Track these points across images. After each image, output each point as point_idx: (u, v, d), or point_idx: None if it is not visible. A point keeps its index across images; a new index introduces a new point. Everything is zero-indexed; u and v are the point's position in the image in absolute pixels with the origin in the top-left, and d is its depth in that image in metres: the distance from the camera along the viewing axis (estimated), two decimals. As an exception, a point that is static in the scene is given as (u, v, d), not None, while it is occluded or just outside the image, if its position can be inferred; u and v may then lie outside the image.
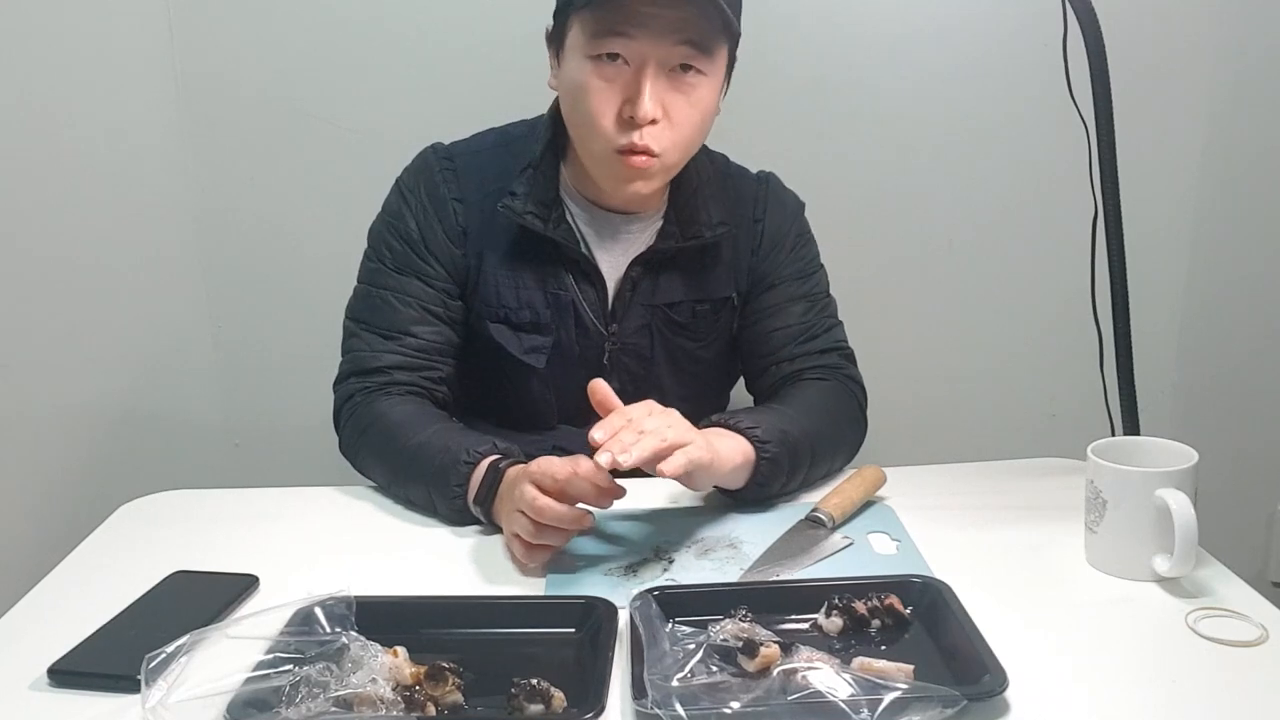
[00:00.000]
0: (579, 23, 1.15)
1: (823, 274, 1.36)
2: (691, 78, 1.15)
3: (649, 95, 1.13)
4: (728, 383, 1.44)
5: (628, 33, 1.12)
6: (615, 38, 1.13)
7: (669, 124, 1.16)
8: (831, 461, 1.25)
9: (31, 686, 0.87)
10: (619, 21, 1.12)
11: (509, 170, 1.26)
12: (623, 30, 1.12)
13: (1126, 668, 0.87)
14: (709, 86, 1.17)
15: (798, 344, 1.31)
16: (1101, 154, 1.15)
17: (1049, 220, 1.80)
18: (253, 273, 1.84)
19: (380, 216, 1.32)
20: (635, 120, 1.14)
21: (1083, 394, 1.26)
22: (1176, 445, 1.01)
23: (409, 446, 1.18)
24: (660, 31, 1.12)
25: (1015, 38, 1.74)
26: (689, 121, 1.17)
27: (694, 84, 1.16)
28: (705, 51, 1.14)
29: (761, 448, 1.13)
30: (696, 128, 1.19)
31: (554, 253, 1.26)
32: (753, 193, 1.34)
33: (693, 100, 1.16)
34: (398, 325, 1.27)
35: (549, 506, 1.01)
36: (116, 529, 1.18)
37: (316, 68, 1.76)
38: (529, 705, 0.79)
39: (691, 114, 1.17)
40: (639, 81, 1.13)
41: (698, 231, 1.26)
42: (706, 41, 1.14)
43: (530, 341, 1.29)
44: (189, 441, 1.88)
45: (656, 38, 1.12)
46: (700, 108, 1.17)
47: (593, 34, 1.14)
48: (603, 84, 1.15)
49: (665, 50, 1.13)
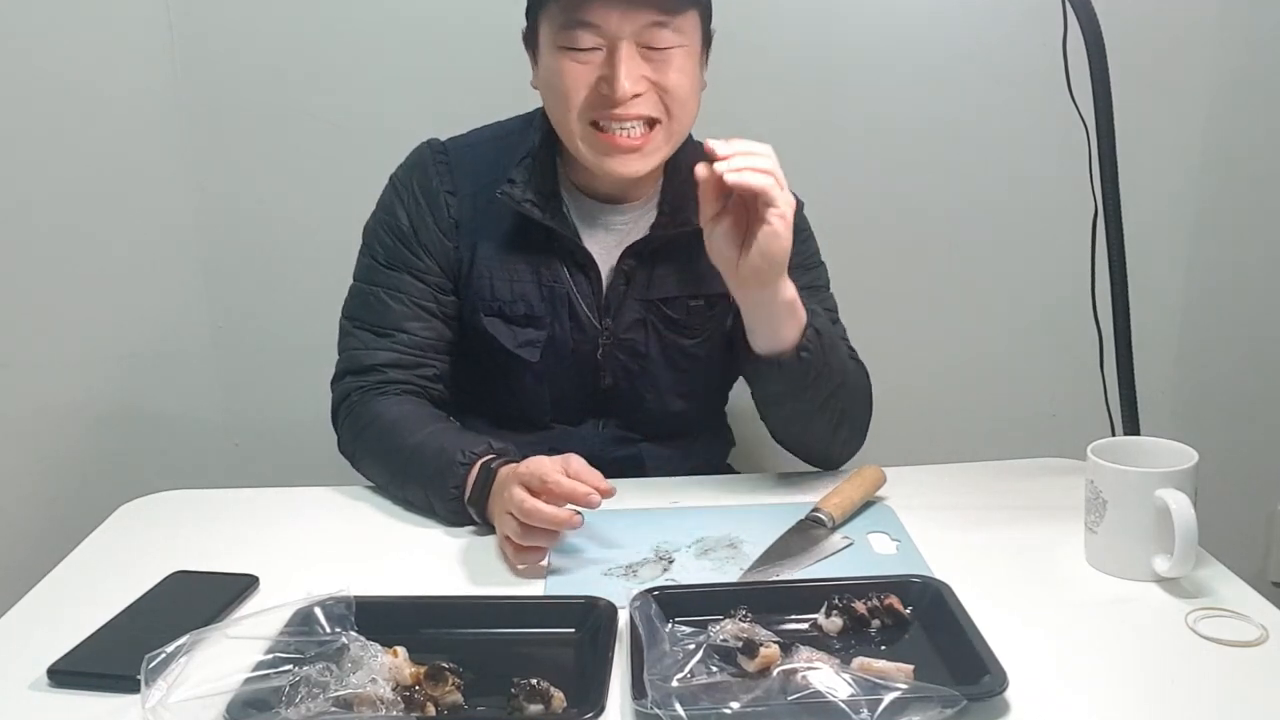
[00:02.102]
0: (547, 18, 1.17)
1: (823, 270, 1.36)
2: (665, 49, 1.16)
3: (625, 72, 1.14)
4: (725, 382, 1.43)
5: (593, 21, 1.13)
6: (582, 28, 1.14)
7: (658, 90, 1.17)
8: (856, 413, 1.25)
9: (31, 686, 0.87)
10: (584, 10, 1.13)
11: (504, 162, 1.26)
12: (588, 20, 1.14)
13: (1126, 668, 0.87)
14: (685, 55, 1.18)
15: None
16: (1101, 154, 1.15)
17: (1049, 220, 1.80)
18: (252, 271, 1.84)
19: (374, 213, 1.32)
20: (615, 98, 1.14)
21: (1083, 394, 1.26)
22: (1176, 445, 1.01)
23: (406, 447, 1.18)
24: (624, 12, 1.13)
25: (1015, 38, 1.73)
26: (678, 86, 1.17)
27: (670, 54, 1.16)
28: (672, 20, 1.15)
29: (812, 315, 1.17)
30: (688, 92, 1.19)
31: (548, 244, 1.26)
32: None
33: (675, 67, 1.17)
34: (390, 322, 1.27)
35: (536, 509, 1.01)
36: (116, 529, 1.18)
37: (316, 65, 1.76)
38: (529, 705, 0.79)
39: (679, 78, 1.17)
40: (613, 62, 1.14)
41: (688, 218, 1.25)
42: (671, 14, 1.15)
43: (524, 335, 1.28)
44: (189, 441, 1.88)
45: (622, 17, 1.13)
46: (685, 74, 1.18)
47: (561, 25, 1.15)
48: (576, 67, 1.16)
49: (632, 23, 1.14)
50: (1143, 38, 1.73)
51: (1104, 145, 1.15)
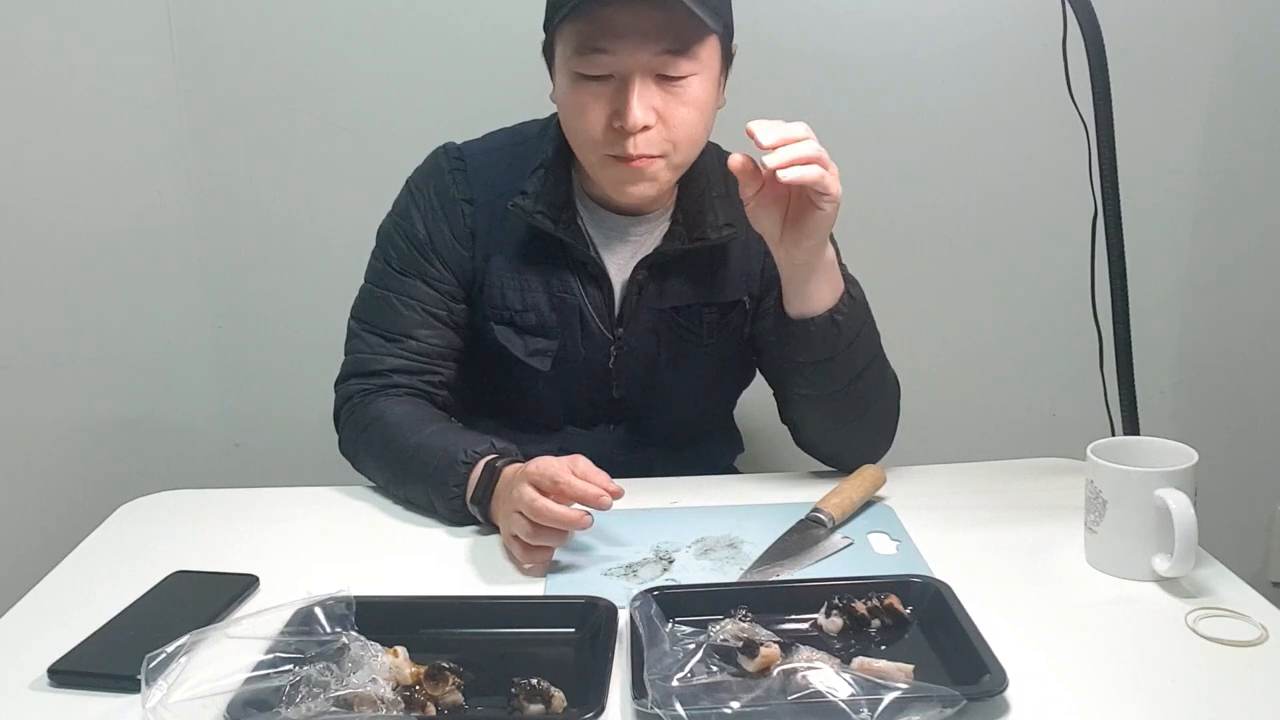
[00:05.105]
0: (562, 39, 1.16)
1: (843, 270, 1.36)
2: (681, 80, 1.15)
3: (636, 105, 1.13)
4: (737, 389, 1.43)
5: (606, 48, 1.12)
6: (596, 54, 1.13)
7: (664, 126, 1.15)
8: (879, 406, 1.24)
9: (31, 686, 0.87)
10: (597, 36, 1.12)
11: (520, 170, 1.25)
12: (602, 46, 1.12)
13: (1126, 667, 0.87)
14: (700, 84, 1.16)
15: None
16: (1101, 154, 1.15)
17: (1049, 220, 1.80)
18: (253, 273, 1.84)
19: (390, 216, 1.32)
20: (625, 130, 1.14)
21: (1083, 394, 1.26)
22: (1176, 445, 1.01)
23: (407, 446, 1.18)
24: (638, 42, 1.12)
25: (1015, 38, 1.73)
26: (685, 121, 1.16)
27: (684, 85, 1.15)
28: (686, 54, 1.14)
29: (851, 284, 1.19)
30: (695, 125, 1.18)
31: (560, 255, 1.26)
32: None
33: (686, 100, 1.16)
34: (400, 328, 1.27)
35: (547, 508, 1.01)
36: (116, 529, 1.18)
37: (316, 65, 1.76)
38: (529, 705, 0.79)
39: (688, 113, 1.16)
40: (625, 93, 1.13)
41: (703, 233, 1.25)
42: (686, 44, 1.14)
43: (535, 344, 1.28)
44: (189, 441, 1.88)
45: (635, 48, 1.12)
46: (696, 106, 1.17)
47: (575, 50, 1.14)
48: (590, 99, 1.15)
49: (646, 59, 1.13)
50: (1143, 38, 1.73)
51: (1104, 145, 1.15)
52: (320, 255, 1.78)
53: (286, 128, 1.78)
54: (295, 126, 1.77)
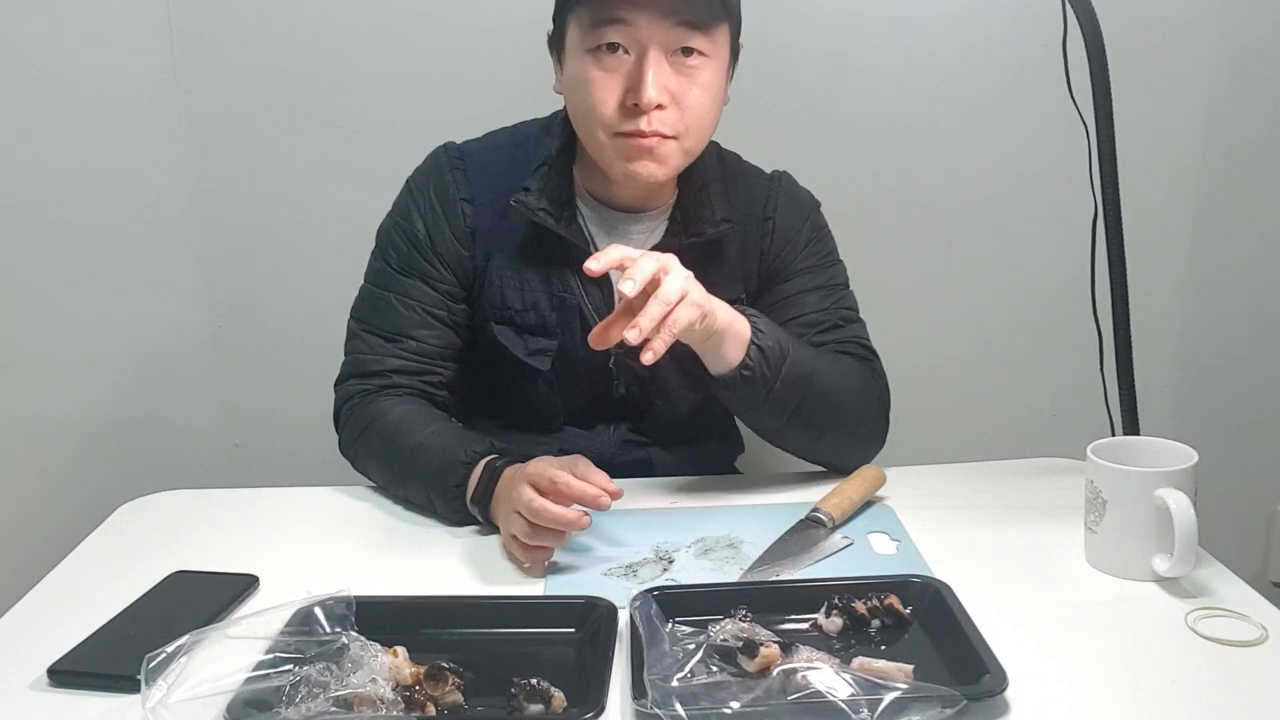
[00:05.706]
0: (576, 19, 1.16)
1: (841, 268, 1.35)
2: (694, 60, 1.15)
3: (651, 80, 1.12)
4: None
5: (624, 18, 1.12)
6: (613, 25, 1.13)
7: (677, 107, 1.15)
8: (841, 422, 1.23)
9: (31, 686, 0.87)
10: (615, 8, 1.12)
11: (520, 170, 1.25)
12: (619, 16, 1.12)
13: (1126, 667, 0.87)
14: (713, 69, 1.17)
15: (816, 334, 1.28)
16: (1101, 154, 1.15)
17: (1049, 220, 1.80)
18: (252, 273, 1.84)
19: (390, 216, 1.31)
20: (640, 106, 1.13)
21: (1083, 394, 1.26)
22: (1176, 445, 1.01)
23: (407, 446, 1.18)
24: (657, 15, 1.12)
25: (1015, 38, 1.73)
26: (698, 104, 1.16)
27: (697, 66, 1.15)
28: (704, 31, 1.14)
29: (757, 334, 1.14)
30: (707, 110, 1.18)
31: (561, 254, 1.26)
32: (764, 191, 1.32)
33: (699, 83, 1.16)
34: (400, 328, 1.27)
35: (545, 508, 1.01)
36: (116, 529, 1.18)
37: (316, 65, 1.76)
38: (529, 705, 0.79)
39: (700, 96, 1.16)
40: (641, 68, 1.13)
41: (700, 228, 1.25)
42: (704, 21, 1.14)
43: (535, 344, 1.28)
44: (189, 442, 1.88)
45: (654, 21, 1.12)
46: (708, 90, 1.17)
47: (590, 25, 1.14)
48: (604, 74, 1.15)
49: (664, 33, 1.13)
50: (1143, 38, 1.73)
51: (1104, 145, 1.15)
52: (320, 255, 1.78)
53: (286, 128, 1.78)
54: (295, 126, 1.77)
